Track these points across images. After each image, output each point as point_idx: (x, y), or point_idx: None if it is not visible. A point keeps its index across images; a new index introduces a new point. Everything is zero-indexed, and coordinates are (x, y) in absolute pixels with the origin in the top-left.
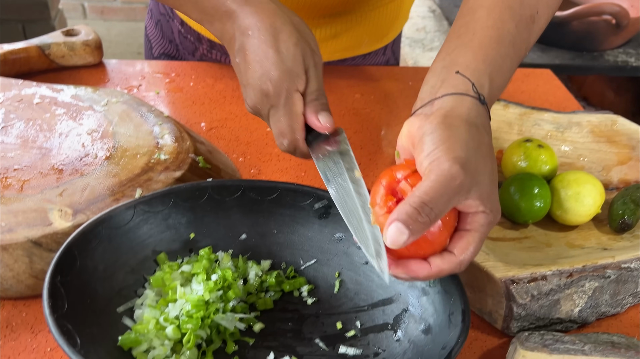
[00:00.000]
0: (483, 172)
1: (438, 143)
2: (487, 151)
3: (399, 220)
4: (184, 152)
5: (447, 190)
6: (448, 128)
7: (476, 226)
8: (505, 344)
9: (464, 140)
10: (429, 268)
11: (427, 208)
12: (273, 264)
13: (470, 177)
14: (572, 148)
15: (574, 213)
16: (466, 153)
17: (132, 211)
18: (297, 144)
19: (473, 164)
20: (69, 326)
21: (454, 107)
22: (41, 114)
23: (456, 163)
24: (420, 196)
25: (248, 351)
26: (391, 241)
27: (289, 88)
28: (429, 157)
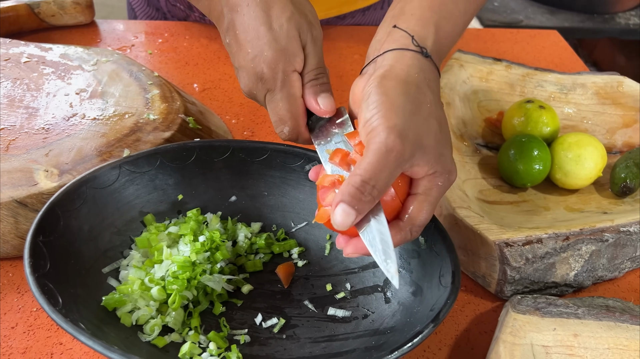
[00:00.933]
0: (426, 134)
1: (374, 111)
2: (430, 110)
3: (343, 201)
4: (174, 112)
5: (387, 163)
6: (384, 92)
7: (425, 189)
8: (498, 307)
9: (400, 105)
10: None
11: (369, 186)
12: (263, 226)
13: (409, 143)
14: (575, 110)
15: (574, 176)
16: (403, 120)
17: (118, 171)
18: (299, 130)
19: (413, 129)
20: (51, 286)
21: (393, 65)
22: (29, 73)
23: (392, 133)
24: (360, 174)
25: (236, 313)
26: (339, 223)
27: (285, 69)
28: (366, 126)
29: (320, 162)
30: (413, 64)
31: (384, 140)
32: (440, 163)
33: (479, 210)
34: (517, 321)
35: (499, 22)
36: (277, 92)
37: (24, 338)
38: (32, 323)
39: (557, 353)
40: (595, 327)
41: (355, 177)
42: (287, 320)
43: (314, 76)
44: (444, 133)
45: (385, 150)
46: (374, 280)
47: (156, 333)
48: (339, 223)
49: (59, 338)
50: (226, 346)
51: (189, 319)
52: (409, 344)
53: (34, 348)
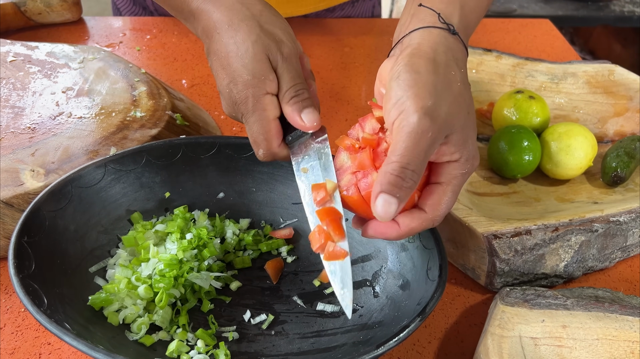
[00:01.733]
0: (456, 114)
1: (404, 90)
2: (459, 89)
3: (384, 192)
4: (161, 109)
5: (422, 146)
6: (414, 71)
7: (449, 178)
8: (488, 300)
9: (431, 84)
10: (398, 228)
11: (409, 172)
12: (252, 222)
13: (441, 124)
14: (567, 100)
15: (565, 167)
16: (434, 99)
17: (103, 170)
18: (273, 152)
19: (444, 109)
20: (36, 286)
21: (421, 43)
22: (15, 73)
23: (425, 114)
24: (398, 160)
25: (224, 310)
26: (382, 214)
27: (255, 93)
28: (396, 106)
29: None
30: (441, 42)
31: (417, 122)
32: (465, 149)
33: (467, 202)
34: (505, 313)
35: (492, 12)
36: (250, 116)
37: (12, 338)
38: (20, 324)
39: (546, 345)
40: (584, 318)
41: (393, 164)
42: (275, 316)
43: (294, 93)
44: (471, 115)
45: (419, 132)
46: (363, 274)
47: (143, 331)
48: (382, 215)
49: (47, 338)
50: (214, 343)
51: (177, 317)
52: (395, 338)
53: (22, 349)
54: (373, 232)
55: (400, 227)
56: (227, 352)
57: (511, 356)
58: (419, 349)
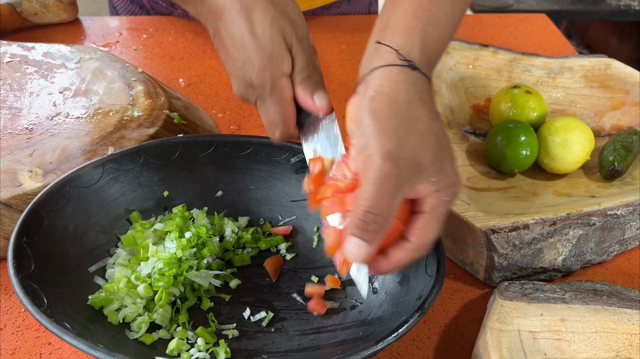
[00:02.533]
0: (423, 151)
1: (368, 138)
2: (425, 125)
3: (352, 235)
4: (158, 108)
5: (386, 189)
6: (375, 117)
7: (430, 207)
8: (487, 294)
9: (391, 129)
10: (388, 261)
11: (372, 215)
12: (251, 220)
13: (406, 166)
14: (563, 94)
15: (562, 161)
16: (397, 143)
17: (101, 170)
18: (290, 132)
19: (408, 150)
20: (35, 286)
21: (381, 84)
22: (11, 73)
23: (386, 159)
24: (362, 204)
25: (224, 308)
26: (352, 256)
27: (274, 75)
28: (361, 154)
29: None
30: (401, 79)
31: (379, 167)
32: (443, 178)
33: (465, 198)
34: (504, 307)
35: (488, 7)
36: (267, 98)
37: (12, 339)
38: (21, 324)
39: (545, 338)
40: (582, 311)
41: (358, 208)
42: (275, 313)
43: (306, 75)
44: (443, 146)
45: (381, 177)
46: None
47: (143, 330)
48: (353, 257)
49: (47, 338)
50: (214, 341)
51: (177, 315)
52: (394, 334)
53: (23, 349)
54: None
55: (388, 259)
56: (227, 350)
57: (510, 350)
58: (419, 345)
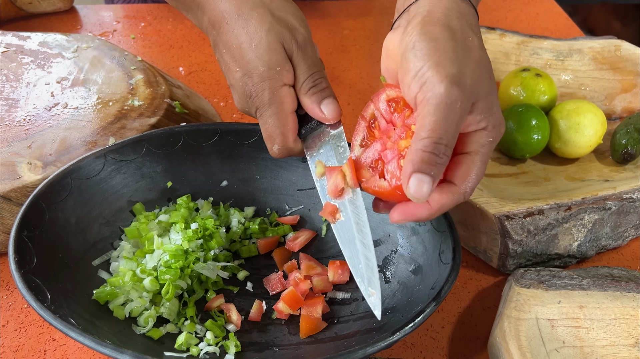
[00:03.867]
0: (480, 80)
1: (424, 60)
2: (479, 55)
3: (417, 171)
4: (159, 97)
5: (453, 117)
6: (430, 39)
7: (476, 147)
8: (501, 282)
9: (451, 50)
10: (429, 207)
11: (442, 146)
12: (257, 211)
13: (469, 92)
14: (573, 77)
15: (574, 145)
16: (458, 66)
17: (103, 161)
18: (289, 146)
19: (469, 76)
20: (38, 282)
21: (431, 10)
22: (7, 64)
23: (452, 83)
24: (430, 136)
25: (233, 300)
26: (417, 195)
27: (272, 86)
28: (417, 79)
29: None
30: (452, 8)
31: (445, 91)
32: (492, 115)
33: None
34: (520, 295)
35: None
36: (266, 109)
37: (15, 335)
38: (24, 320)
39: (563, 326)
40: (601, 298)
41: (425, 141)
42: None
43: (312, 83)
44: (493, 81)
45: (449, 102)
46: None
47: (151, 324)
48: (418, 195)
49: (51, 334)
50: (224, 334)
51: (184, 309)
52: (411, 324)
53: (27, 346)
54: (402, 216)
55: (431, 205)
56: (237, 343)
57: (528, 339)
58: (433, 335)
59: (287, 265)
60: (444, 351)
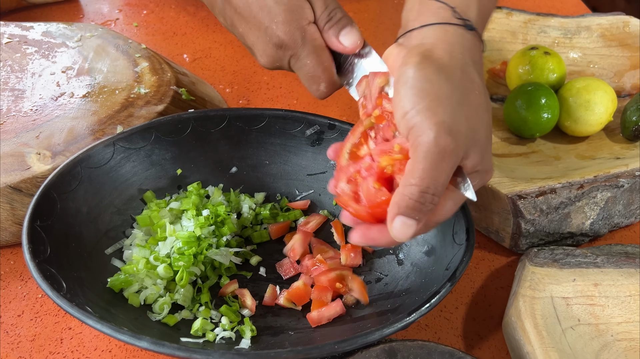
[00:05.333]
0: (478, 128)
1: (416, 102)
2: (478, 100)
3: (402, 214)
4: (165, 84)
5: (442, 166)
6: (425, 79)
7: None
8: (513, 262)
9: (446, 96)
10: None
11: (429, 196)
12: (267, 196)
13: (462, 139)
14: (581, 55)
15: (585, 123)
16: (451, 114)
17: (112, 149)
18: (334, 81)
19: (463, 123)
20: (53, 271)
21: (435, 44)
22: (11, 55)
23: (441, 131)
24: (418, 184)
25: (246, 285)
26: (400, 237)
27: (300, 25)
28: (406, 119)
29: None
30: (457, 42)
31: (434, 140)
32: (483, 164)
33: None
34: (535, 274)
35: None
36: (302, 51)
37: (31, 325)
38: (39, 310)
39: (578, 304)
40: (615, 275)
41: (412, 188)
42: None
43: (327, 17)
44: (490, 126)
45: (437, 152)
46: None
47: (166, 311)
48: (401, 236)
49: (67, 323)
50: (238, 319)
51: (198, 295)
52: (426, 305)
53: (43, 335)
54: (362, 239)
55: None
56: (253, 327)
57: (544, 318)
58: (447, 315)
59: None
60: (458, 332)
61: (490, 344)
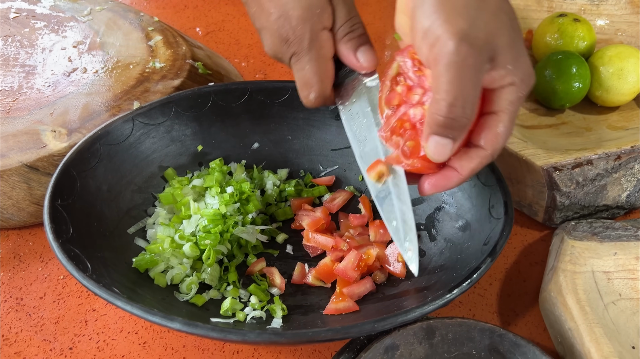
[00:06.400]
0: (497, 31)
1: (433, 16)
2: (495, 3)
3: (434, 134)
4: (181, 58)
5: (467, 75)
6: None
7: (504, 104)
8: (547, 236)
9: (462, 5)
10: (458, 174)
11: (459, 108)
12: (291, 172)
13: (482, 46)
14: (608, 22)
15: (617, 92)
16: (469, 19)
17: (131, 124)
18: (326, 95)
19: (482, 28)
20: (77, 251)
21: None
22: (19, 29)
23: (461, 40)
24: (444, 98)
25: (274, 263)
26: (437, 157)
27: (313, 27)
28: (426, 38)
29: None
30: None
31: (454, 49)
32: (518, 68)
33: (519, 135)
34: (575, 248)
35: None
36: (305, 54)
37: (54, 307)
38: (61, 291)
39: (619, 278)
40: None
41: (439, 103)
42: None
43: (348, 29)
44: (516, 29)
45: (460, 60)
46: (416, 219)
47: (194, 291)
48: (438, 157)
49: (91, 304)
50: (268, 298)
51: (226, 274)
52: (468, 281)
53: (67, 317)
54: (431, 187)
55: (459, 172)
56: (284, 306)
57: (586, 292)
58: (481, 292)
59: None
60: (493, 308)
61: (526, 320)
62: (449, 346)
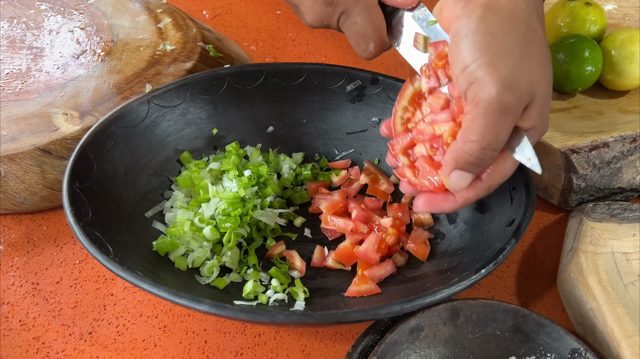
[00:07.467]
0: (539, 81)
1: (477, 56)
2: (541, 52)
3: (460, 169)
4: (191, 40)
5: (503, 123)
6: (487, 32)
7: (513, 146)
8: (562, 219)
9: (509, 50)
10: (454, 200)
11: (489, 151)
12: (306, 156)
13: (522, 96)
14: (617, 7)
15: (628, 76)
16: (512, 67)
17: (147, 107)
18: (384, 41)
19: (524, 78)
20: (98, 234)
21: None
22: (25, 11)
23: (504, 88)
24: (478, 141)
25: (292, 247)
26: (455, 188)
27: None
28: (466, 75)
29: None
30: None
31: (496, 96)
32: (541, 119)
33: None
34: (595, 229)
35: None
36: (353, 8)
37: (71, 292)
38: (78, 276)
39: (638, 259)
40: None
41: (472, 145)
42: None
43: None
44: (551, 80)
45: (499, 108)
46: None
47: (215, 274)
48: (456, 189)
49: (109, 289)
50: (289, 281)
51: (245, 257)
52: (493, 262)
53: (85, 301)
54: (427, 206)
55: (456, 199)
56: (305, 289)
57: (607, 273)
58: (499, 274)
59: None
60: (512, 290)
61: (545, 301)
62: (473, 326)
